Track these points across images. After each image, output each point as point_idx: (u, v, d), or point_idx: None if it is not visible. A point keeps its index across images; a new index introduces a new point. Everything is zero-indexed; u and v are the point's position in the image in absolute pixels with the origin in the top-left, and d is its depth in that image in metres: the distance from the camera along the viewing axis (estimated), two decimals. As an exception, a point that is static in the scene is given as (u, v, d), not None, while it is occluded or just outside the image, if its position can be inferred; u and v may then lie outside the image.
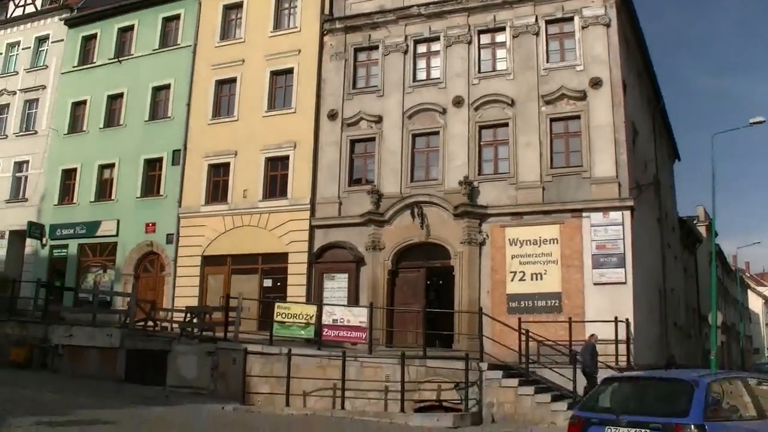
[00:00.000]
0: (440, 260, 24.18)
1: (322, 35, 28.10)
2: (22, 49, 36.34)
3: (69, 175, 32.63)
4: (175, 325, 24.08)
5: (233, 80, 29.41)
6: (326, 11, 28.31)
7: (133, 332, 23.01)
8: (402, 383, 17.28)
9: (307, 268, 25.86)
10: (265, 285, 26.91)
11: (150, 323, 24.71)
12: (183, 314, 23.95)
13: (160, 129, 30.49)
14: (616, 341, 19.65)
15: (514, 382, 17.37)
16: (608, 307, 20.82)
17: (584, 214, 22.28)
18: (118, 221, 30.30)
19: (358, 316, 20.63)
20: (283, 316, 21.13)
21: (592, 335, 18.75)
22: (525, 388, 17.21)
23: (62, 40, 34.88)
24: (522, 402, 16.98)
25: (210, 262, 28.03)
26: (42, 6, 36.82)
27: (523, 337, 18.94)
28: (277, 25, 29.33)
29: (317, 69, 27.73)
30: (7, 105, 35.82)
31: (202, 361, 20.77)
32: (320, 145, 26.94)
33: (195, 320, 23.68)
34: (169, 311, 26.32)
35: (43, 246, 32.39)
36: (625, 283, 21.35)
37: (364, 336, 20.03)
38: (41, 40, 36.05)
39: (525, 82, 24.33)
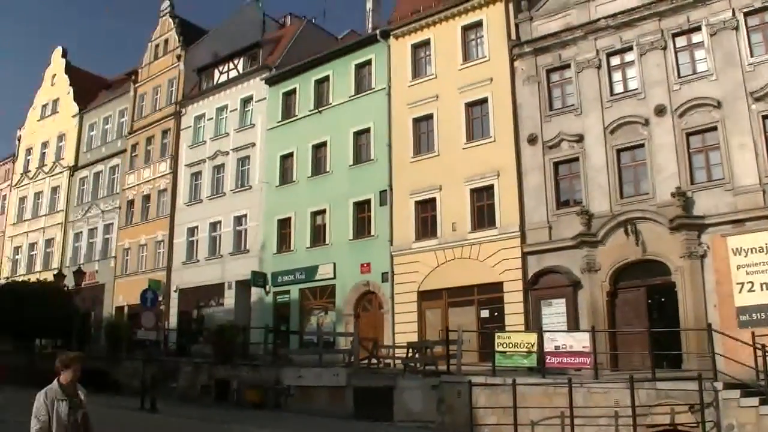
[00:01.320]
0: (660, 277, 23.95)
1: (512, 61, 28.80)
2: (230, 111, 40.08)
3: (284, 224, 35.36)
4: (397, 361, 24.99)
5: (430, 116, 30.70)
6: (513, 36, 29.04)
7: (358, 370, 24.22)
8: (632, 408, 17.32)
9: (523, 296, 26.29)
10: (482, 316, 27.51)
11: (373, 360, 25.87)
12: (405, 350, 24.98)
13: (365, 172, 32.36)
14: None
15: (755, 401, 16.93)
16: None
17: (813, 214, 21.48)
18: (335, 264, 32.34)
19: (580, 340, 20.75)
20: (504, 345, 21.55)
21: None
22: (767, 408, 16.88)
23: (265, 98, 38.16)
24: (765, 423, 16.54)
25: (426, 296, 29.06)
26: (243, 69, 40.45)
27: (759, 353, 18.30)
28: (466, 56, 30.38)
29: (511, 95, 28.41)
30: (222, 165, 39.54)
31: (427, 395, 21.41)
32: (523, 171, 27.53)
33: (417, 355, 24.57)
34: (391, 348, 27.17)
35: (267, 293, 35.10)
36: None
37: (588, 361, 20.14)
38: (246, 101, 39.59)
39: (730, 81, 23.82)
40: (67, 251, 49.87)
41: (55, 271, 40.76)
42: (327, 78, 35.48)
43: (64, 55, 57.47)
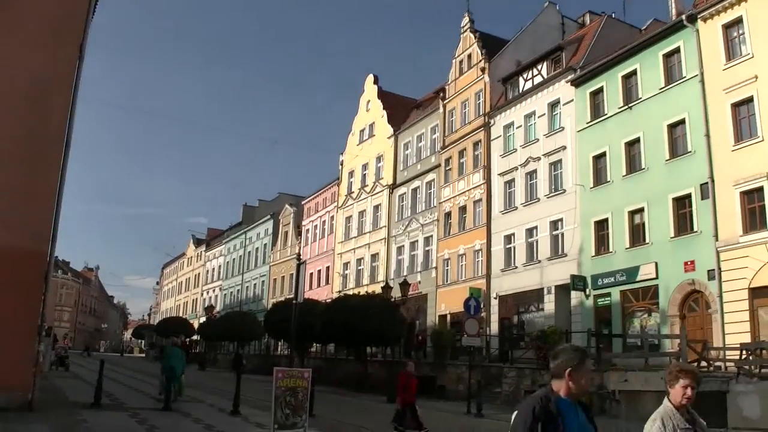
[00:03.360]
0: None
1: (840, 28, 26.70)
2: (538, 117, 41.28)
3: (601, 225, 35.57)
4: (729, 364, 24.26)
5: (749, 100, 29.09)
6: (837, -1, 26.91)
7: (689, 374, 24.00)
8: None
9: None
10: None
11: (703, 363, 25.14)
12: (737, 352, 24.21)
13: (683, 165, 31.52)
14: None
15: None
16: None
17: None
18: (656, 263, 31.86)
19: None
20: None
21: None
22: None
23: (571, 100, 38.74)
24: None
25: (758, 294, 27.47)
26: (548, 74, 41.46)
27: None
28: (785, 30, 28.50)
29: (842, 66, 26.28)
30: (534, 170, 40.77)
31: (765, 401, 20.33)
32: None
33: (751, 357, 23.68)
34: (722, 349, 26.35)
35: (587, 296, 35.50)
36: None
37: None
38: (553, 105, 40.50)
39: None
40: (391, 264, 54.24)
41: (382, 284, 44.26)
42: (634, 72, 35.17)
43: (375, 81, 62.73)
